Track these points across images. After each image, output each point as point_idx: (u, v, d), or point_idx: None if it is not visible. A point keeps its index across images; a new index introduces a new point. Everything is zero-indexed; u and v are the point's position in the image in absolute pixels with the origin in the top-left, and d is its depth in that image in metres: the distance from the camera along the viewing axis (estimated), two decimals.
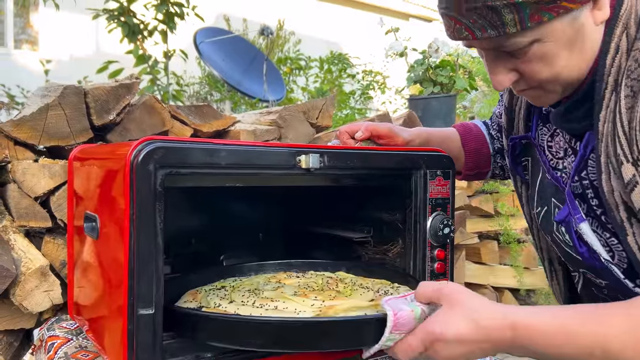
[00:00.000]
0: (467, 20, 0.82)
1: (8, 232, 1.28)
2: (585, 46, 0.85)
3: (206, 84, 5.53)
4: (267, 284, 1.08)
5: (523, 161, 1.10)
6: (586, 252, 0.97)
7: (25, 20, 7.82)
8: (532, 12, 0.79)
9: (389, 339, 0.79)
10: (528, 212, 1.14)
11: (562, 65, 0.85)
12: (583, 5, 0.81)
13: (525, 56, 0.85)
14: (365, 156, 1.03)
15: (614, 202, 0.86)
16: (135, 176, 0.80)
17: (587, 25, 0.83)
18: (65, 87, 1.34)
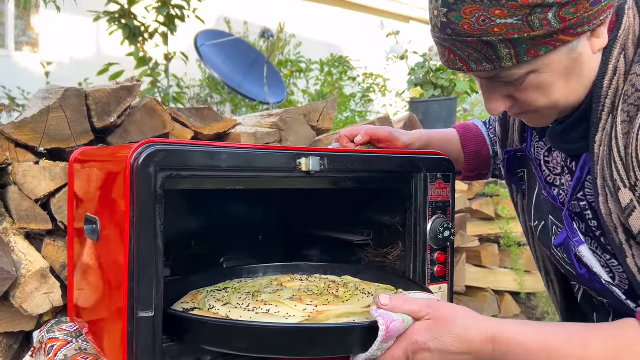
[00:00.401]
0: (462, 53, 0.81)
1: (8, 234, 1.28)
2: (583, 73, 0.84)
3: (207, 87, 5.54)
4: (267, 287, 1.09)
5: (519, 172, 1.10)
6: (586, 273, 0.96)
7: (26, 23, 7.83)
8: (528, 47, 0.77)
9: (379, 349, 0.79)
10: (524, 222, 1.13)
11: (558, 93, 0.84)
12: (581, 36, 0.79)
13: (521, 85, 0.84)
14: (365, 159, 1.03)
15: (612, 225, 0.85)
16: (136, 179, 0.80)
17: (584, 54, 0.81)
18: (66, 90, 1.34)
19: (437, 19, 0.80)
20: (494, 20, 0.75)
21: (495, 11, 0.74)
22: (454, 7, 0.76)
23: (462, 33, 0.78)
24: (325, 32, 8.95)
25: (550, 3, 0.73)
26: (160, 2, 3.60)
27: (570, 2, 0.74)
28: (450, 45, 0.81)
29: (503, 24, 0.75)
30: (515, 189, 1.13)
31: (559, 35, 0.76)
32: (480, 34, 0.76)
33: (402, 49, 3.08)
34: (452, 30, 0.78)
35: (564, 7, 0.74)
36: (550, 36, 0.76)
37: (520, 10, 0.74)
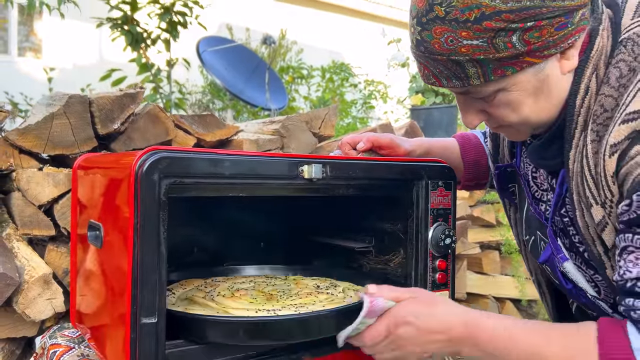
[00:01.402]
0: (434, 69, 0.84)
1: (12, 240, 1.29)
2: (552, 93, 0.86)
3: (208, 93, 5.55)
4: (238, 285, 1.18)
5: (510, 187, 1.11)
6: (573, 288, 0.99)
7: (29, 28, 7.86)
8: (494, 67, 0.80)
9: (361, 322, 0.87)
10: (516, 235, 1.16)
11: (528, 110, 0.86)
12: (548, 58, 0.81)
13: (492, 102, 0.86)
14: (367, 166, 1.04)
15: (590, 237, 0.87)
16: (140, 185, 0.81)
17: (552, 75, 0.84)
18: (70, 96, 1.35)
19: (413, 36, 0.85)
20: (461, 41, 0.78)
21: (462, 33, 0.78)
22: (426, 26, 0.81)
23: (433, 51, 0.82)
24: (327, 39, 8.98)
25: (514, 28, 0.76)
26: (163, 9, 3.62)
27: (534, 26, 0.76)
28: (424, 61, 0.85)
29: (469, 44, 0.78)
30: (508, 202, 1.15)
31: (524, 57, 0.79)
32: (448, 53, 0.80)
33: (404, 56, 3.10)
34: (425, 48, 0.82)
35: (528, 31, 0.77)
36: (516, 57, 0.79)
37: (484, 33, 0.77)
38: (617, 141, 0.78)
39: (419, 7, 0.81)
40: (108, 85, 3.67)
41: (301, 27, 7.98)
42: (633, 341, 0.75)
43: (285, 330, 0.88)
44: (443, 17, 0.78)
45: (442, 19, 0.78)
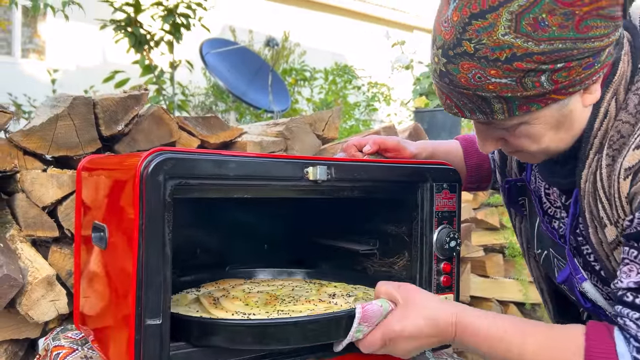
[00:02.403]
0: (458, 101, 0.84)
1: (15, 241, 1.29)
2: (573, 126, 0.86)
3: (211, 95, 5.56)
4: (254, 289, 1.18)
5: (520, 200, 1.12)
6: (591, 307, 0.99)
7: (32, 30, 7.89)
8: (520, 103, 0.80)
9: (358, 330, 0.90)
10: (522, 244, 1.17)
11: (548, 141, 0.87)
12: (572, 95, 0.81)
13: (513, 132, 0.87)
14: (372, 169, 1.04)
15: (604, 253, 0.88)
16: (145, 187, 0.80)
17: (575, 109, 0.84)
18: (74, 98, 1.35)
19: (437, 66, 0.83)
20: (489, 79, 0.78)
21: (491, 71, 0.77)
22: (453, 60, 0.80)
23: (459, 85, 0.81)
24: (330, 41, 8.98)
25: (544, 69, 0.76)
26: (166, 11, 3.63)
27: (563, 67, 0.76)
28: (448, 92, 0.84)
29: (497, 82, 0.78)
30: (514, 213, 1.15)
31: (550, 95, 0.79)
32: (475, 88, 0.80)
33: (407, 59, 3.10)
34: (450, 80, 0.82)
35: (557, 71, 0.77)
36: (542, 95, 0.79)
37: (514, 73, 0.77)
38: (631, 165, 0.80)
39: (446, 39, 0.80)
40: (111, 87, 3.68)
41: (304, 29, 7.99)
42: (618, 345, 0.78)
43: (253, 335, 0.89)
44: (472, 53, 0.77)
45: (471, 55, 0.77)
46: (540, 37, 0.74)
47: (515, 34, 0.75)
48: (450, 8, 0.79)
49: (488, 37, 0.76)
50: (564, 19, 0.74)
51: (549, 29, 0.74)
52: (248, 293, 1.14)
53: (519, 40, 0.75)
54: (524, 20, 0.74)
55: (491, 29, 0.75)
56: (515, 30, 0.74)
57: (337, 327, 0.90)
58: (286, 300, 1.07)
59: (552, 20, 0.74)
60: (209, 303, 1.05)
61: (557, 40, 0.74)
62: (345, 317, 0.90)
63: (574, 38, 0.74)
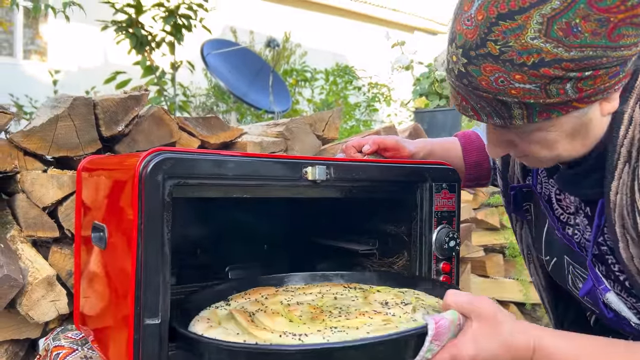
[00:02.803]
0: (475, 104, 0.81)
1: (16, 241, 1.29)
2: (589, 134, 0.84)
3: (212, 95, 5.57)
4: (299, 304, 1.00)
5: (525, 206, 1.09)
6: (614, 317, 0.95)
7: (34, 31, 7.90)
8: (541, 110, 0.77)
9: (428, 350, 0.77)
10: (522, 249, 1.14)
11: (561, 149, 0.84)
12: (594, 103, 0.78)
13: (527, 138, 0.84)
14: (371, 169, 1.04)
15: (635, 269, 0.84)
16: (144, 186, 0.81)
17: (594, 118, 0.81)
18: (75, 99, 1.35)
19: (455, 65, 0.80)
20: (513, 84, 0.75)
21: (516, 75, 0.74)
22: (475, 61, 0.76)
23: (479, 87, 0.77)
24: (331, 42, 8.98)
25: (571, 76, 0.73)
26: (167, 12, 3.64)
27: (590, 76, 0.73)
28: (465, 94, 0.81)
29: (521, 88, 0.75)
30: (516, 218, 1.13)
31: (573, 103, 0.76)
32: (496, 92, 0.76)
33: (408, 59, 3.10)
34: (469, 82, 0.78)
35: (584, 79, 0.74)
36: (565, 103, 0.76)
37: (540, 79, 0.73)
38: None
39: (468, 38, 0.76)
40: (113, 88, 3.68)
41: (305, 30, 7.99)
42: None
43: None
44: (497, 55, 0.74)
45: (496, 58, 0.74)
46: (572, 43, 0.71)
47: (545, 38, 0.71)
48: (475, 6, 0.76)
49: (516, 40, 0.72)
50: (598, 25, 0.71)
51: (581, 35, 0.71)
52: (287, 306, 0.98)
53: (549, 45, 0.72)
54: (556, 25, 0.71)
55: (520, 31, 0.72)
56: (546, 34, 0.71)
57: (406, 347, 0.77)
58: (334, 314, 0.93)
59: (586, 26, 0.71)
60: (246, 321, 0.89)
61: (588, 48, 0.71)
62: (416, 336, 0.77)
63: (605, 46, 0.72)
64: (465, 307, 0.79)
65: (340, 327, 0.85)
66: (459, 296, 0.80)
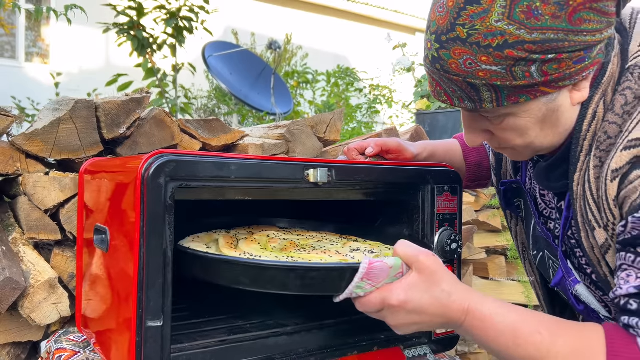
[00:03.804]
0: (448, 88, 0.84)
1: (18, 244, 1.29)
2: (559, 122, 0.86)
3: (214, 97, 5.58)
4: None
5: (516, 202, 1.11)
6: (584, 309, 0.99)
7: (36, 34, 7.92)
8: (509, 93, 0.80)
9: (358, 287, 0.81)
10: (518, 247, 1.17)
11: (533, 136, 0.87)
12: (561, 89, 0.81)
13: (500, 124, 0.87)
14: (372, 171, 1.04)
15: (595, 259, 0.87)
16: (146, 189, 0.81)
17: (563, 105, 0.84)
18: (76, 101, 1.35)
19: (429, 52, 0.83)
20: (480, 65, 0.78)
21: (482, 57, 0.77)
22: (446, 45, 0.80)
23: (450, 71, 0.81)
24: (332, 43, 9.00)
25: (534, 58, 0.76)
26: (169, 14, 3.65)
27: (554, 59, 0.76)
28: (438, 78, 0.84)
29: (487, 70, 0.78)
30: (510, 214, 1.15)
31: (540, 87, 0.79)
32: (465, 75, 0.80)
33: (409, 61, 3.10)
34: (441, 66, 0.82)
35: (548, 62, 0.77)
36: (532, 87, 0.79)
37: (505, 61, 0.77)
38: (618, 167, 0.79)
39: (440, 24, 0.80)
40: (114, 90, 3.69)
41: (306, 31, 8.00)
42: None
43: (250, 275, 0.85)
44: (465, 39, 0.77)
45: (464, 41, 0.78)
46: (533, 25, 0.74)
47: (508, 20, 0.75)
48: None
49: (481, 23, 0.76)
50: (557, 8, 0.74)
51: (542, 18, 0.74)
52: (272, 238, 1.08)
53: (511, 27, 0.75)
54: (518, 8, 0.74)
55: (485, 14, 0.76)
56: (509, 17, 0.75)
57: (339, 279, 0.83)
58: (306, 250, 1.02)
59: (546, 9, 0.74)
60: (225, 243, 1.01)
61: (549, 30, 0.74)
62: (349, 271, 0.82)
63: (566, 29, 0.75)
64: (409, 258, 0.82)
65: (296, 257, 0.94)
66: (408, 247, 0.84)
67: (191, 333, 1.00)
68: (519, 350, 0.78)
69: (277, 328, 1.03)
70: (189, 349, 0.91)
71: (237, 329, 1.03)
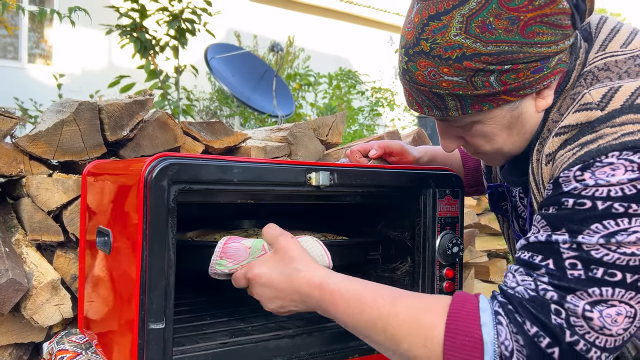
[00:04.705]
0: (417, 98, 0.88)
1: (20, 245, 1.29)
2: (525, 128, 0.89)
3: (216, 99, 5.59)
4: None
5: (503, 205, 1.14)
6: None
7: (39, 35, 7.95)
8: (472, 102, 0.84)
9: (219, 264, 0.94)
10: (510, 250, 1.18)
11: (501, 142, 0.91)
12: (523, 97, 0.84)
13: (469, 131, 0.91)
14: (374, 174, 1.04)
15: None
16: (149, 192, 0.81)
17: (527, 112, 0.87)
18: (80, 103, 1.35)
19: (401, 64, 0.89)
20: (442, 77, 0.83)
21: (444, 69, 0.82)
22: (413, 58, 0.85)
23: (417, 81, 0.86)
24: (334, 46, 9.01)
25: (491, 69, 0.80)
26: (172, 16, 3.66)
27: (511, 69, 0.80)
28: (409, 88, 0.89)
29: (450, 80, 0.82)
30: (501, 218, 1.17)
31: (501, 95, 0.83)
32: (430, 85, 0.84)
33: None
34: (410, 77, 0.87)
35: (505, 73, 0.80)
36: (493, 95, 0.83)
37: (464, 72, 0.81)
38: (551, 151, 0.83)
39: (408, 39, 0.85)
40: (117, 92, 3.70)
41: (309, 34, 8.02)
42: (481, 301, 0.76)
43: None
44: (428, 52, 0.82)
45: (427, 54, 0.82)
46: (488, 39, 0.78)
47: (465, 35, 0.79)
48: (414, 11, 0.85)
49: (442, 37, 0.81)
50: (509, 23, 0.78)
51: (496, 32, 0.78)
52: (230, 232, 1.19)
53: (468, 41, 0.79)
54: (474, 23, 0.79)
55: (445, 29, 0.80)
56: (465, 31, 0.79)
57: (207, 254, 0.95)
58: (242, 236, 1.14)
59: (499, 23, 0.78)
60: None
61: (502, 43, 0.78)
62: (210, 248, 0.95)
63: (519, 42, 0.79)
64: (270, 239, 0.92)
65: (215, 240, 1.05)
66: (272, 229, 0.93)
67: (192, 335, 1.00)
68: (364, 316, 0.81)
69: (278, 331, 1.04)
70: (190, 352, 0.91)
71: (239, 331, 1.04)
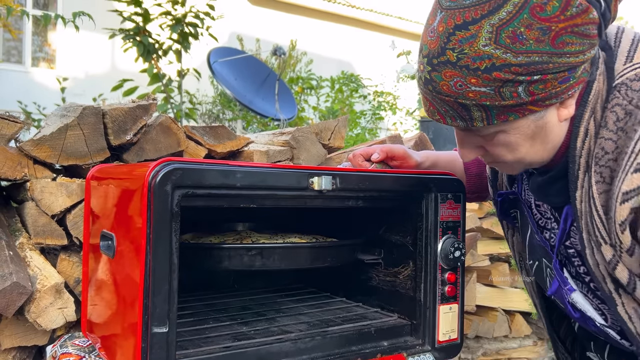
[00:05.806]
0: (440, 108, 0.87)
1: (24, 249, 1.30)
2: (548, 138, 0.89)
3: (219, 103, 5.59)
4: None
5: (512, 212, 1.13)
6: (580, 317, 1.01)
7: (43, 39, 7.98)
8: (498, 112, 0.83)
9: None
10: (514, 257, 1.18)
11: (524, 152, 0.90)
12: (548, 107, 0.84)
13: (491, 141, 0.90)
14: (376, 179, 1.05)
15: (600, 275, 0.89)
16: (153, 196, 0.82)
17: (551, 122, 0.87)
18: (84, 108, 1.36)
19: (422, 73, 0.87)
20: (469, 87, 0.81)
21: (471, 79, 0.80)
22: (437, 68, 0.83)
23: (441, 92, 0.84)
24: (336, 50, 9.02)
25: (521, 80, 0.79)
26: (175, 20, 3.67)
27: (539, 80, 0.79)
28: (431, 98, 0.87)
29: (477, 91, 0.81)
30: (507, 225, 1.16)
31: (527, 106, 0.82)
32: (456, 96, 0.83)
33: (413, 68, 3.11)
34: (433, 88, 0.85)
35: (534, 83, 0.80)
36: (520, 106, 0.82)
37: (493, 82, 0.80)
38: (630, 189, 0.81)
39: (431, 48, 0.84)
40: (120, 95, 3.72)
41: (311, 38, 8.03)
42: None
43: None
44: (454, 62, 0.81)
45: (454, 64, 0.81)
46: (518, 49, 0.78)
47: (495, 45, 0.78)
48: (437, 19, 0.84)
49: (470, 47, 0.79)
50: (540, 33, 0.77)
51: (527, 42, 0.77)
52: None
53: (498, 51, 0.78)
54: (504, 33, 0.78)
55: (473, 39, 0.79)
56: (495, 42, 0.78)
57: (208, 257, 1.10)
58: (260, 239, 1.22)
59: (530, 34, 0.77)
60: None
61: (533, 54, 0.78)
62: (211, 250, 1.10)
63: (550, 52, 0.78)
64: None
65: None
66: None
67: (195, 339, 1.01)
68: None
69: (281, 335, 1.04)
70: (193, 355, 0.91)
71: (242, 335, 1.04)
